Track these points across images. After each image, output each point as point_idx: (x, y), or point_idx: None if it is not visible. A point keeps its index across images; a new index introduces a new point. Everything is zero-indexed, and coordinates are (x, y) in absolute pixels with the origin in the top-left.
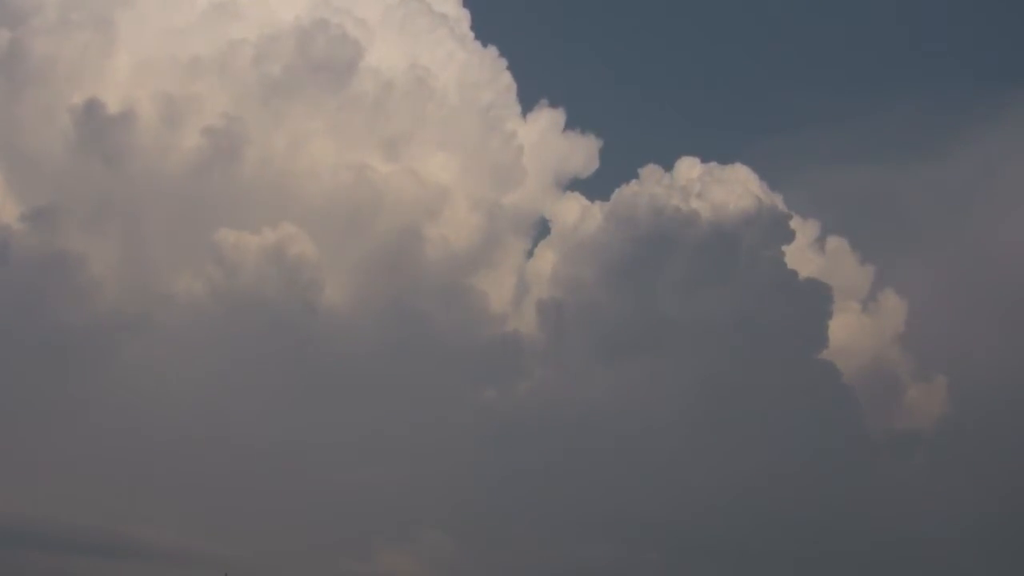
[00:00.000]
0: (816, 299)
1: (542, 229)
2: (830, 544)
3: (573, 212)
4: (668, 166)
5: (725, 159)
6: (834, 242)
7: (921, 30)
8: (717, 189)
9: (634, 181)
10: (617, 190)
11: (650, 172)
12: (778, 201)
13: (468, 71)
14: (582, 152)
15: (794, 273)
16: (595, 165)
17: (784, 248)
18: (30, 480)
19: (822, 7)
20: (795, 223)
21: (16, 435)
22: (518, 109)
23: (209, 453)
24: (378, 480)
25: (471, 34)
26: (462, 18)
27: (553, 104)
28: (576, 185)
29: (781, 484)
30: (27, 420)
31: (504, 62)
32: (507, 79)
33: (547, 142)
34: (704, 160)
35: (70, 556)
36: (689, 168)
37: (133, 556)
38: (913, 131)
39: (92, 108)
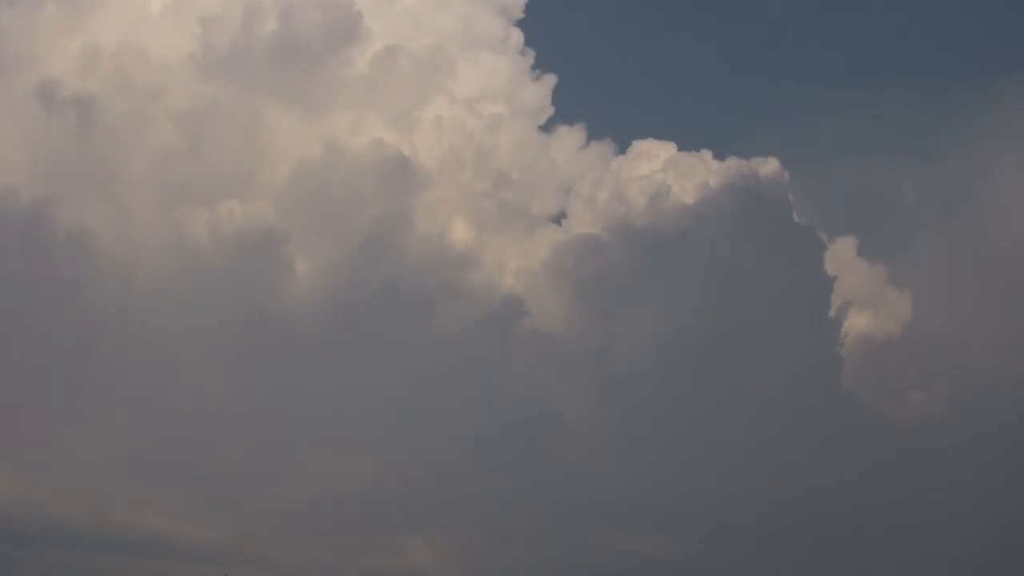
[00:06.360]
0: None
1: (540, 224)
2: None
3: (578, 210)
4: (669, 161)
5: (727, 154)
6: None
7: (921, 22)
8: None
9: (633, 179)
10: (618, 188)
11: (649, 170)
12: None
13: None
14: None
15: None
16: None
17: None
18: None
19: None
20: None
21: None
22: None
23: (217, 449)
24: (390, 472)
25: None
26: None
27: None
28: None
29: (791, 482)
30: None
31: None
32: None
33: (564, 147)
34: (717, 155)
35: (88, 554)
36: (693, 164)
37: (151, 554)
38: (910, 124)
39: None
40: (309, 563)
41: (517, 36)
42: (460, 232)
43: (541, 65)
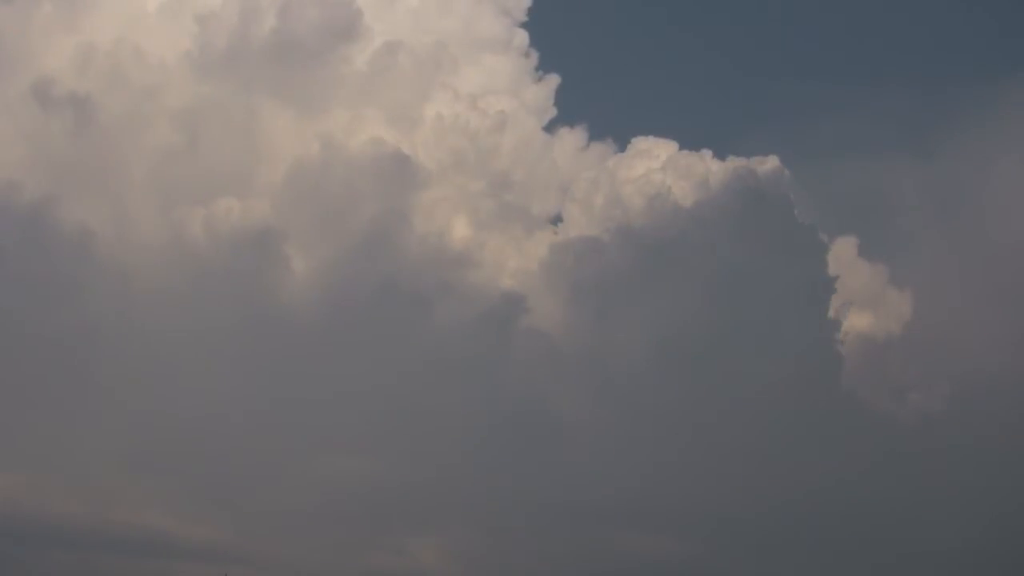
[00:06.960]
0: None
1: (540, 224)
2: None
3: (577, 211)
4: (668, 161)
5: (727, 153)
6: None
7: (922, 21)
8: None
9: (632, 179)
10: (617, 189)
11: (648, 170)
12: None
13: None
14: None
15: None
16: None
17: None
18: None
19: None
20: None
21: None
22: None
23: (217, 449)
24: (391, 472)
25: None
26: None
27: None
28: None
29: (791, 482)
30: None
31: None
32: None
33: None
34: (717, 154)
35: (88, 553)
36: (693, 163)
37: (151, 554)
38: (911, 123)
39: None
40: (309, 563)
41: (521, 37)
42: (459, 231)
43: (545, 66)
